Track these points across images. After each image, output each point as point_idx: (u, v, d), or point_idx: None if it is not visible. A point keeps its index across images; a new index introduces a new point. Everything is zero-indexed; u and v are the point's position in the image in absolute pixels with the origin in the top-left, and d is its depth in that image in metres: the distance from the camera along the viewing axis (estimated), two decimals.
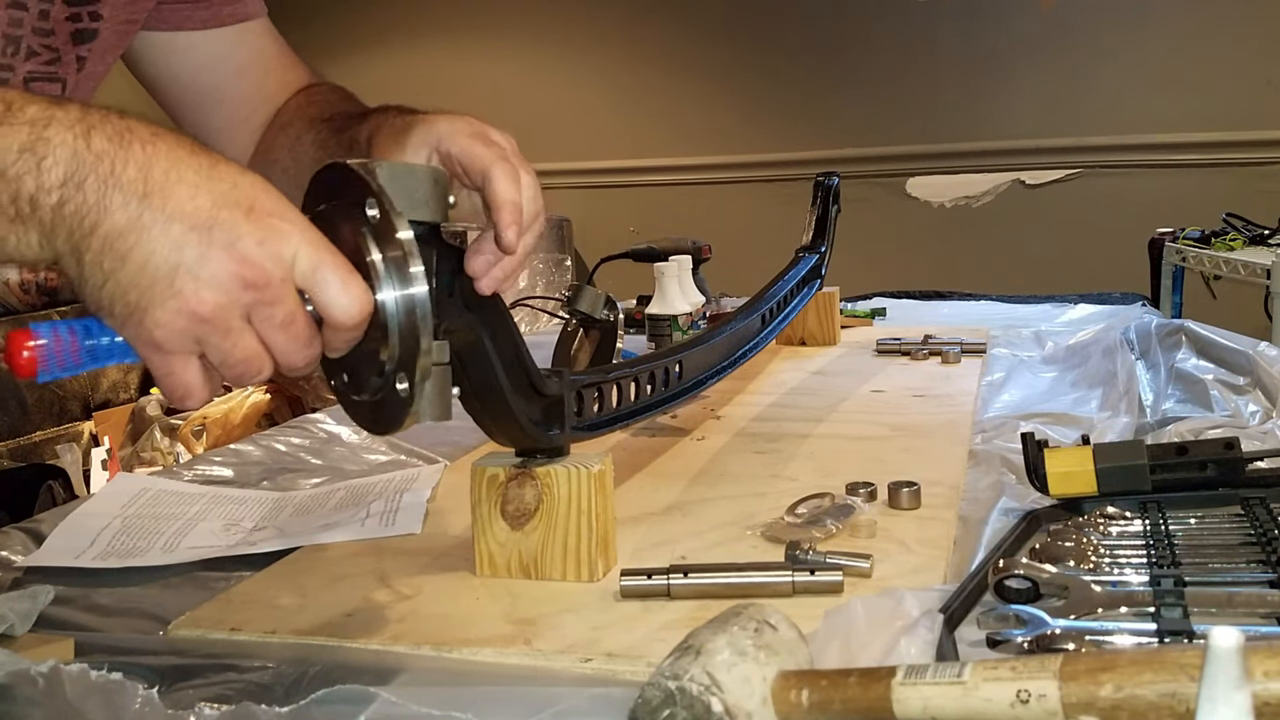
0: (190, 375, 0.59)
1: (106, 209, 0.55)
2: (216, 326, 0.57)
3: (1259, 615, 0.64)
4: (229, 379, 0.60)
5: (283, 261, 0.58)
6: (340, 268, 0.60)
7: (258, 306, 0.58)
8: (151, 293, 0.56)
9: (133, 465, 3.05)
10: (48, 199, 0.55)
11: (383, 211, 0.63)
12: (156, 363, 0.58)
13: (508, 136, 0.79)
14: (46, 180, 0.55)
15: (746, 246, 3.06)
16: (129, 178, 0.56)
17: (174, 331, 0.57)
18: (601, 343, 1.08)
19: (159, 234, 0.56)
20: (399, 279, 0.63)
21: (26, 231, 0.56)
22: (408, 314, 0.63)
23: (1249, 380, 1.17)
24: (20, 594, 0.75)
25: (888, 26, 4.12)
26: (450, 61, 4.68)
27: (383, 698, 0.56)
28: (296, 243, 0.59)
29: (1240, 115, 3.70)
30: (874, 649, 0.56)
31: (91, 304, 0.57)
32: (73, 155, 0.55)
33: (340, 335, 0.61)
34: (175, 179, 0.57)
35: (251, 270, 0.57)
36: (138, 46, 0.96)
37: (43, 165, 0.55)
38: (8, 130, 0.55)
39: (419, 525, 0.90)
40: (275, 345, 0.59)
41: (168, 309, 0.56)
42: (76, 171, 0.55)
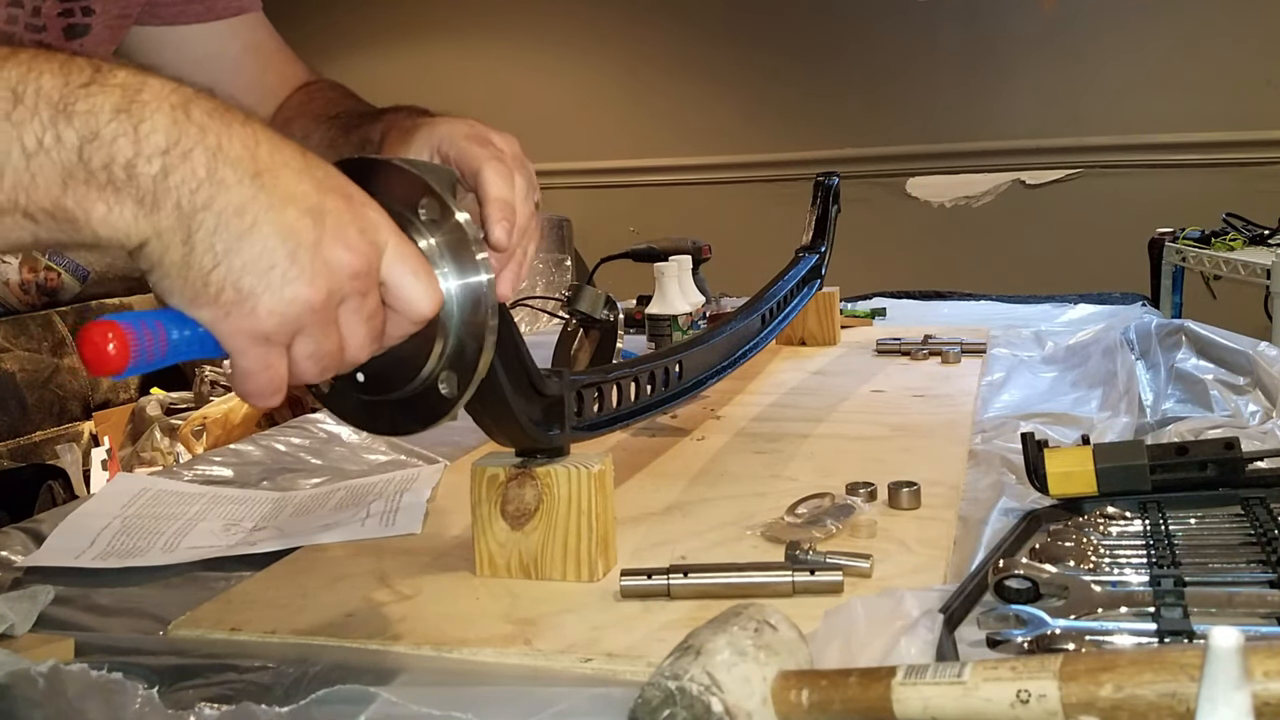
0: (283, 369, 0.56)
1: (220, 183, 0.52)
2: (323, 316, 0.55)
3: (1259, 615, 0.64)
4: (306, 375, 0.57)
5: (379, 251, 0.57)
6: (421, 260, 0.59)
7: (353, 296, 0.56)
8: (268, 277, 0.53)
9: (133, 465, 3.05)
10: (148, 166, 0.50)
11: (443, 208, 0.62)
12: (254, 356, 0.54)
13: (509, 138, 0.79)
14: (146, 146, 0.50)
15: (746, 246, 3.06)
16: (237, 154, 0.53)
17: (286, 320, 0.54)
18: (601, 343, 1.08)
19: (275, 215, 0.53)
20: (461, 273, 0.62)
21: (120, 200, 0.50)
22: (473, 309, 0.62)
23: (1249, 380, 1.17)
24: (20, 594, 0.75)
25: (888, 26, 4.12)
26: (450, 61, 4.69)
27: (383, 698, 0.56)
28: (386, 234, 0.58)
29: (1240, 115, 3.71)
30: (874, 649, 0.56)
31: (189, 290, 0.52)
32: (173, 123, 0.51)
33: (404, 329, 0.60)
34: (281, 161, 0.54)
35: (359, 259, 0.55)
36: (131, 42, 0.95)
37: (140, 129, 0.50)
38: (98, 90, 0.51)
39: (419, 525, 0.90)
40: (353, 338, 0.57)
41: (284, 295, 0.53)
42: (180, 141, 0.51)
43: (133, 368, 0.51)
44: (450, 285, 0.63)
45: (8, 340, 3.03)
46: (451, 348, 0.63)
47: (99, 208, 0.51)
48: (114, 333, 0.51)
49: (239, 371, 0.55)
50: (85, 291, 3.28)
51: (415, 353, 0.63)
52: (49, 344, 3.11)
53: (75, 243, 0.52)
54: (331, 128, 0.91)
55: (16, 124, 0.49)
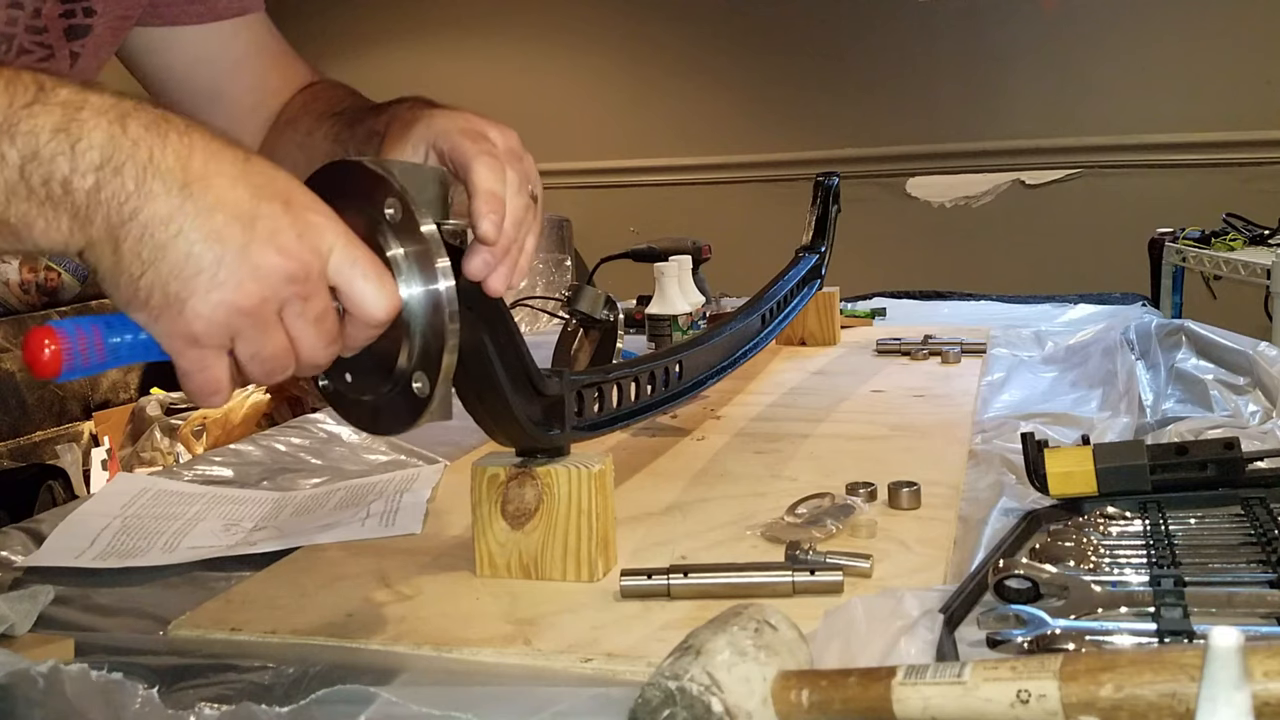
0: (221, 371, 0.58)
1: (148, 195, 0.54)
2: (256, 320, 0.56)
3: (1259, 615, 0.64)
4: (254, 376, 0.59)
5: (321, 255, 0.58)
6: (373, 263, 0.60)
7: (294, 300, 0.57)
8: (194, 283, 0.55)
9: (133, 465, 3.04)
10: (82, 182, 0.53)
11: (405, 209, 0.63)
12: (189, 358, 0.57)
13: (507, 131, 0.78)
14: (81, 163, 0.53)
15: (746, 246, 3.06)
16: (168, 166, 0.55)
17: (214, 324, 0.56)
18: (601, 343, 1.08)
19: (202, 223, 0.55)
20: (423, 275, 0.63)
21: (57, 215, 0.54)
22: (434, 311, 0.63)
23: (1249, 380, 1.17)
24: (20, 594, 0.75)
25: (888, 26, 4.12)
26: (450, 61, 4.68)
27: (383, 698, 0.56)
28: (332, 237, 0.59)
29: (1240, 115, 3.70)
30: (874, 649, 0.56)
31: (124, 296, 0.55)
32: (109, 139, 0.54)
33: (364, 332, 0.61)
34: (214, 170, 0.56)
35: (293, 263, 0.57)
36: (133, 42, 0.95)
37: (77, 148, 0.53)
38: (40, 110, 0.53)
39: (419, 525, 0.90)
40: (304, 341, 0.59)
41: (210, 300, 0.55)
42: (114, 156, 0.54)
43: (68, 371, 0.54)
44: (413, 288, 0.63)
45: (8, 340, 3.03)
46: (419, 349, 0.63)
47: (39, 223, 0.54)
48: (49, 338, 0.54)
49: (179, 372, 0.58)
50: (85, 291, 3.29)
51: (389, 353, 0.64)
52: None
53: (21, 251, 0.56)
54: (336, 123, 0.91)
55: None
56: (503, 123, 0.79)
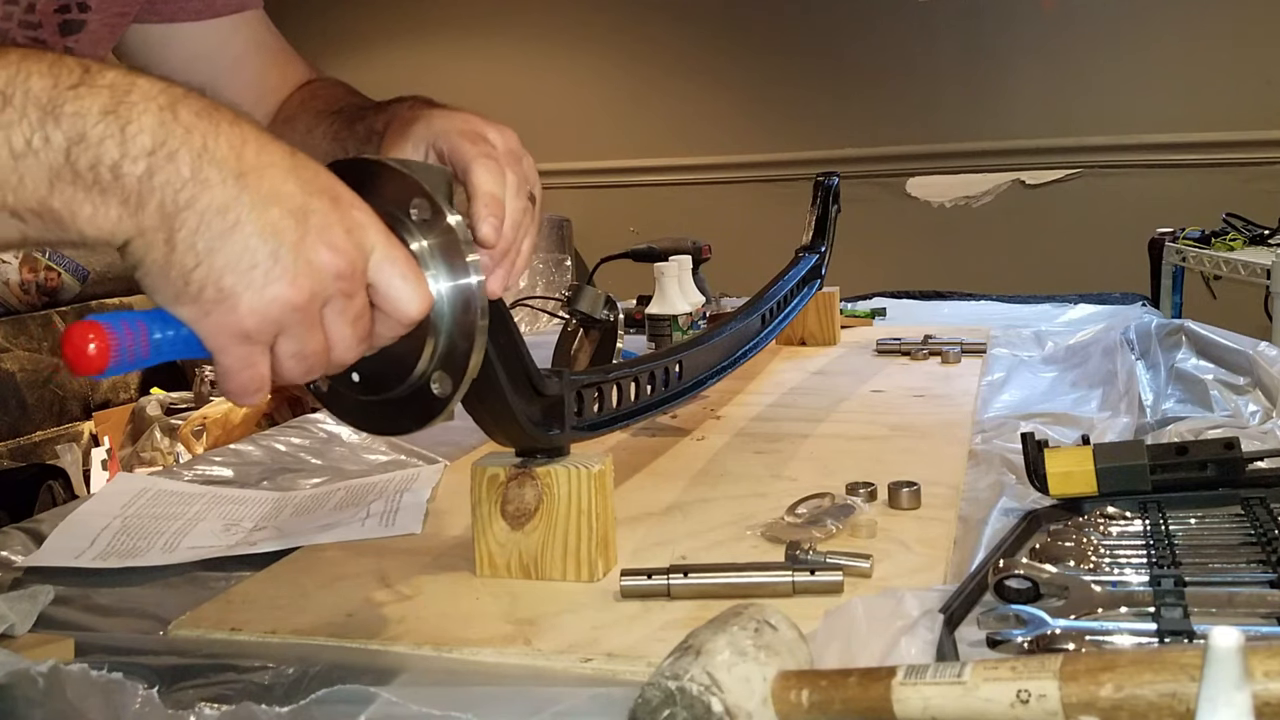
0: (266, 368, 0.56)
1: (204, 184, 0.52)
2: (305, 316, 0.55)
3: (1259, 615, 0.64)
4: (291, 374, 0.57)
5: (365, 253, 0.57)
6: (410, 262, 0.60)
7: (338, 298, 0.56)
8: (249, 277, 0.53)
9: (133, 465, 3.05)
10: (133, 167, 0.51)
11: (434, 208, 0.63)
12: (236, 355, 0.55)
13: (506, 132, 0.78)
14: (132, 147, 0.51)
15: (746, 246, 3.06)
16: (222, 155, 0.53)
17: (267, 320, 0.54)
18: (601, 343, 1.08)
19: (259, 215, 0.53)
20: (452, 274, 0.63)
21: (105, 201, 0.51)
22: (464, 310, 0.63)
23: (1249, 380, 1.17)
24: (20, 594, 0.75)
25: (888, 26, 4.12)
26: (450, 61, 4.69)
27: (383, 698, 0.56)
28: (374, 235, 0.58)
29: (1240, 115, 3.71)
30: (874, 649, 0.56)
31: (173, 289, 0.53)
32: (159, 124, 0.52)
33: (394, 331, 0.60)
34: (267, 161, 0.55)
35: (343, 260, 0.56)
36: (131, 40, 0.95)
37: (127, 131, 0.51)
38: (87, 92, 0.51)
39: (419, 525, 0.90)
40: (340, 339, 0.58)
41: (265, 295, 0.53)
42: (166, 141, 0.52)
43: (113, 368, 0.52)
44: (441, 286, 0.63)
45: (8, 340, 3.03)
46: (443, 348, 0.63)
47: (85, 208, 0.51)
48: (95, 333, 0.51)
49: (221, 370, 0.56)
50: (85, 291, 3.29)
51: (408, 353, 0.63)
52: (49, 344, 3.11)
53: (63, 241, 0.53)
54: (335, 122, 0.91)
55: (5, 125, 0.50)
56: (503, 123, 0.79)
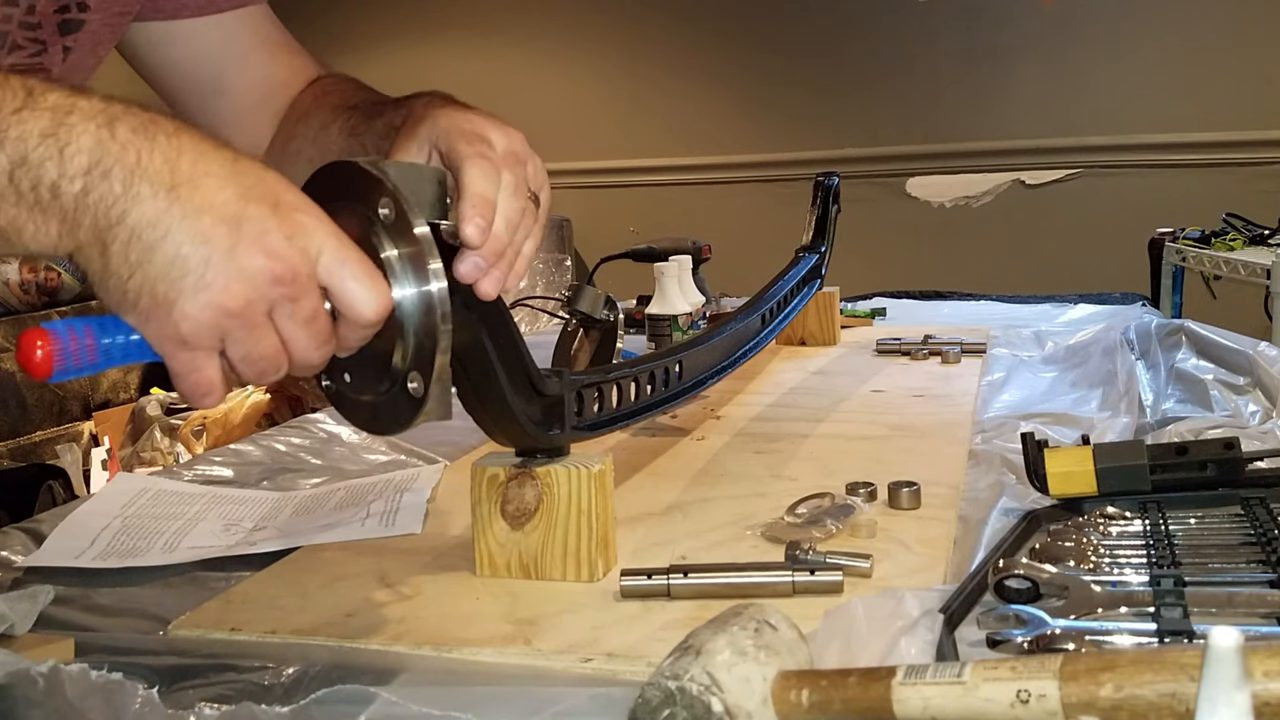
0: (212, 372, 0.58)
1: (135, 198, 0.54)
2: (244, 321, 0.57)
3: (1259, 615, 0.64)
4: (247, 377, 0.59)
5: (309, 257, 0.58)
6: (363, 263, 0.60)
7: (283, 302, 0.57)
8: (181, 285, 0.55)
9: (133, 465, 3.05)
10: (70, 186, 0.54)
11: (398, 210, 0.63)
12: (180, 359, 0.57)
13: (510, 133, 0.77)
14: (70, 168, 0.54)
15: (746, 246, 3.06)
16: (155, 169, 0.55)
17: (202, 325, 0.56)
18: (601, 343, 1.08)
19: (189, 225, 0.55)
20: (416, 276, 0.63)
21: (46, 220, 0.54)
22: (426, 312, 0.63)
23: (1249, 380, 1.17)
24: (20, 594, 0.75)
25: (888, 26, 4.12)
26: (450, 62, 4.68)
27: (383, 698, 0.56)
28: (321, 238, 0.59)
29: (1240, 115, 3.70)
30: (874, 649, 0.56)
31: (114, 298, 0.56)
32: (97, 143, 0.54)
33: (357, 332, 0.61)
34: (202, 171, 0.56)
35: (280, 265, 0.57)
36: (134, 37, 0.95)
37: (65, 152, 0.54)
38: (29, 115, 0.54)
39: (419, 525, 0.90)
40: (295, 342, 0.59)
41: (197, 302, 0.55)
42: (101, 160, 0.54)
43: (60, 372, 0.55)
44: (406, 289, 0.63)
45: (8, 340, 3.03)
46: (413, 349, 0.64)
47: (29, 227, 0.54)
48: (41, 339, 0.54)
49: (171, 373, 0.58)
50: (85, 291, 3.29)
51: (387, 353, 0.64)
52: None
53: (13, 254, 0.56)
54: (352, 117, 0.91)
55: None
56: (510, 124, 0.79)
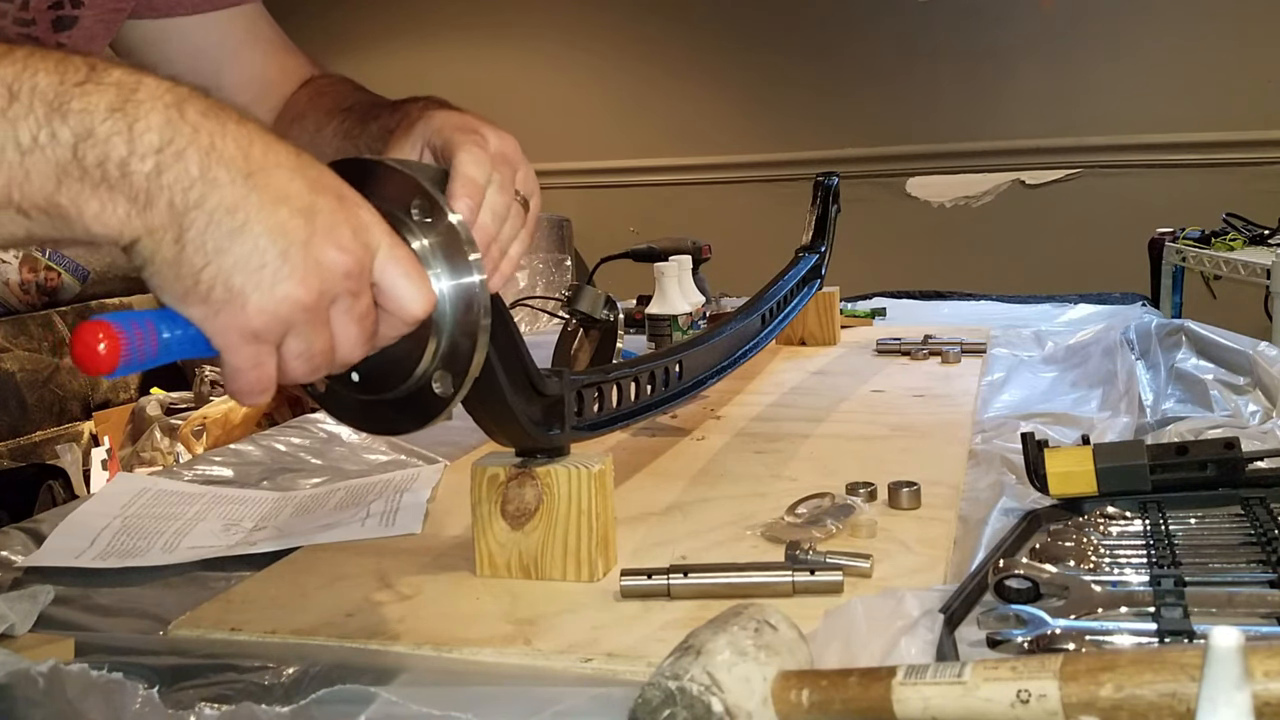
0: (273, 368, 0.56)
1: (213, 183, 0.52)
2: (313, 315, 0.55)
3: (1259, 615, 0.64)
4: (296, 374, 0.57)
5: (371, 252, 0.58)
6: (414, 261, 0.60)
7: (345, 297, 0.56)
8: (259, 276, 0.53)
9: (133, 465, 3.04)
10: (141, 165, 0.51)
11: (434, 207, 0.63)
12: (245, 354, 0.55)
13: (505, 137, 0.78)
14: (140, 145, 0.51)
15: (746, 246, 3.06)
16: (230, 154, 0.53)
17: (276, 319, 0.54)
18: (601, 343, 1.08)
19: (268, 215, 0.53)
20: (453, 272, 0.63)
21: (113, 198, 0.51)
22: (466, 309, 0.63)
23: (1249, 380, 1.17)
24: (20, 594, 0.75)
25: (888, 26, 4.12)
26: (451, 61, 4.69)
27: (383, 698, 0.56)
28: (379, 234, 0.58)
29: (1240, 115, 3.70)
30: (874, 649, 0.56)
31: (180, 288, 0.53)
32: (166, 122, 0.52)
33: (397, 330, 0.61)
34: (274, 161, 0.55)
35: (349, 259, 0.56)
36: (129, 35, 0.95)
37: (135, 129, 0.51)
38: (93, 89, 0.51)
39: (419, 525, 0.90)
40: (345, 338, 0.58)
41: (274, 294, 0.53)
42: (174, 140, 0.52)
43: (124, 367, 0.52)
44: (443, 285, 0.63)
45: (8, 340, 3.03)
46: (445, 347, 0.63)
47: (92, 205, 0.51)
48: (105, 333, 0.51)
49: (229, 369, 0.56)
50: (85, 291, 3.29)
51: (409, 352, 0.63)
52: (49, 344, 3.11)
53: (68, 239, 0.53)
54: (346, 119, 0.91)
55: (12, 120, 0.50)
56: (505, 130, 0.79)
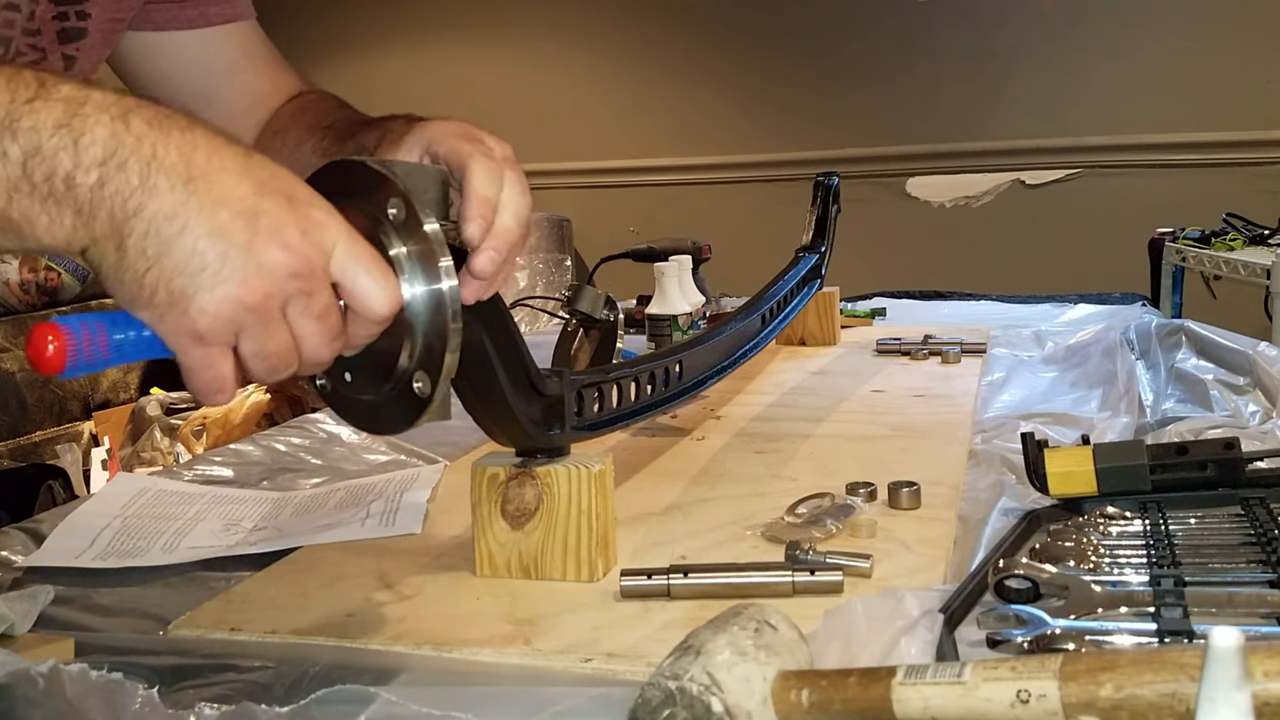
0: (226, 369, 0.57)
1: (152, 191, 0.54)
2: (261, 316, 0.56)
3: (1259, 615, 0.64)
4: (257, 374, 0.59)
5: (324, 251, 0.58)
6: (375, 259, 0.60)
7: (298, 297, 0.57)
8: (199, 279, 0.54)
9: (133, 465, 3.04)
10: (85, 178, 0.53)
11: (409, 208, 0.63)
12: (194, 355, 0.56)
13: (502, 143, 0.78)
14: (85, 158, 0.53)
15: (746, 246, 3.06)
16: (171, 161, 0.55)
17: (219, 320, 0.55)
18: (601, 343, 1.08)
19: (206, 218, 0.54)
20: (426, 274, 0.63)
21: (60, 212, 0.53)
22: (436, 310, 0.63)
23: (1249, 380, 1.17)
24: (20, 594, 0.75)
25: (888, 26, 4.12)
26: (450, 62, 4.68)
27: (383, 698, 0.56)
28: (334, 234, 0.59)
29: (1240, 115, 3.70)
30: (874, 649, 0.56)
31: (129, 293, 0.55)
32: (111, 135, 0.54)
33: (366, 329, 0.61)
34: (217, 166, 0.56)
35: (297, 259, 0.57)
36: (124, 47, 0.95)
37: (80, 143, 0.53)
38: (42, 106, 0.53)
39: (419, 525, 0.90)
40: (307, 338, 0.59)
41: (215, 296, 0.55)
42: (117, 152, 0.54)
43: (72, 368, 0.54)
44: (415, 288, 0.63)
45: (8, 340, 3.02)
46: (420, 348, 0.64)
47: (42, 219, 0.53)
48: (54, 334, 0.54)
49: (183, 370, 0.57)
50: (85, 291, 3.28)
51: (391, 352, 0.64)
52: None
53: (24, 249, 0.55)
54: (325, 136, 0.92)
55: None
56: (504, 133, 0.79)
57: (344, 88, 1.03)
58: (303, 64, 1.10)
